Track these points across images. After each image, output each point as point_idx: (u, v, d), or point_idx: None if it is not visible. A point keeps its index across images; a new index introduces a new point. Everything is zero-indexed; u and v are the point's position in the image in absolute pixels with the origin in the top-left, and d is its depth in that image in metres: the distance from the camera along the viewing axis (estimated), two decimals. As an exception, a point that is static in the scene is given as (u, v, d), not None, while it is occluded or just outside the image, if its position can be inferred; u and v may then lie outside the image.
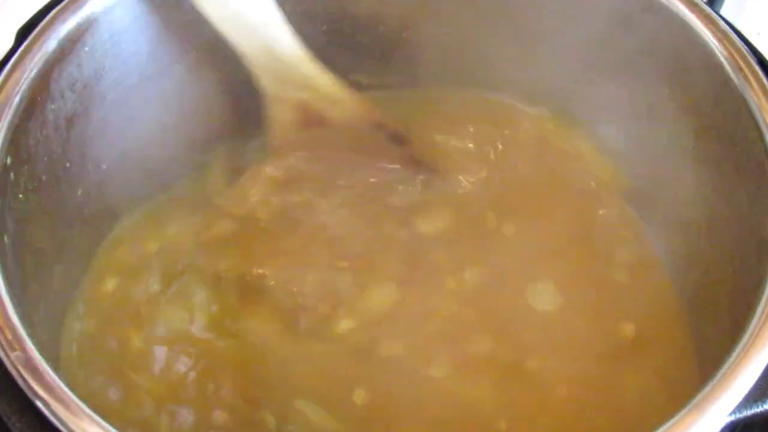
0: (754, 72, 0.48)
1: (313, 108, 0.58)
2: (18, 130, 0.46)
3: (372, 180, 0.59)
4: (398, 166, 0.59)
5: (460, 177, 0.60)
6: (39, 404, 0.37)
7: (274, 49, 0.55)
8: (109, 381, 0.52)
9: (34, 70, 0.47)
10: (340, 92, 0.58)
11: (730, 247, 0.50)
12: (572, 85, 0.59)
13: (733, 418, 0.38)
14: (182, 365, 0.52)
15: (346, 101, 0.58)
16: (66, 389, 0.38)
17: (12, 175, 0.46)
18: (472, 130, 0.61)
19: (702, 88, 0.51)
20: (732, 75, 0.48)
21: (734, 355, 0.40)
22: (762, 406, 0.39)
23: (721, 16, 0.51)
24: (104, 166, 0.55)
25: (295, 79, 0.56)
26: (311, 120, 0.58)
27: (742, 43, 0.49)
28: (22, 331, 0.39)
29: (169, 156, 0.60)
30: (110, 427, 0.37)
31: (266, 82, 0.56)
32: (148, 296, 0.55)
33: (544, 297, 0.54)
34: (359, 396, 0.51)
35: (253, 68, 0.56)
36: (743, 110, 0.47)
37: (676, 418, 0.38)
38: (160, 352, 0.53)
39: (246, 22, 0.53)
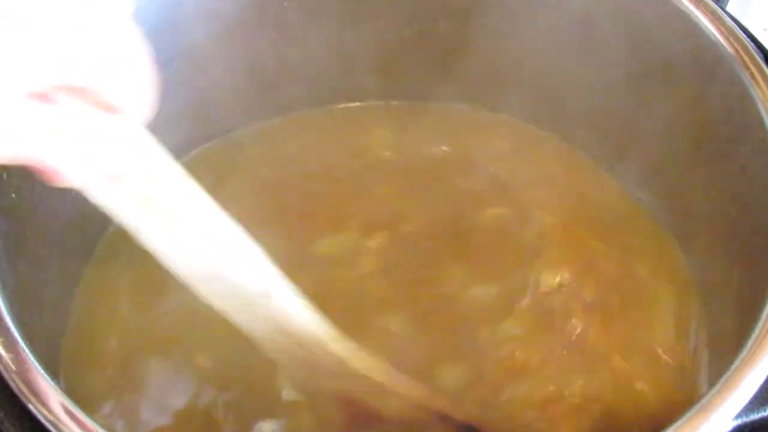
0: (760, 69, 0.47)
1: (359, 400, 0.45)
2: (10, 129, 0.46)
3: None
4: None
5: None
6: (32, 409, 0.37)
7: (286, 328, 0.42)
8: (111, 384, 0.51)
9: (27, 66, 0.47)
10: (386, 376, 0.45)
11: (737, 248, 0.50)
12: (571, 79, 0.59)
13: (739, 422, 0.38)
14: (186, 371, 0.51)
15: (397, 388, 0.45)
16: (59, 394, 0.37)
17: (4, 174, 0.46)
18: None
19: (708, 85, 0.51)
20: (738, 72, 0.48)
21: (740, 358, 0.39)
22: (768, 411, 0.39)
23: (726, 12, 0.51)
24: (99, 165, 0.55)
25: (326, 365, 0.43)
26: (360, 416, 0.45)
27: (749, 40, 0.49)
28: (15, 334, 0.39)
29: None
30: (104, 432, 0.36)
31: (291, 372, 0.44)
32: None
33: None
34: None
35: (272, 357, 0.44)
36: (749, 107, 0.47)
37: (681, 422, 0.37)
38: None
39: (245, 299, 0.40)
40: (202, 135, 0.62)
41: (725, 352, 0.43)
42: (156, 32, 0.53)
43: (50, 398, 0.37)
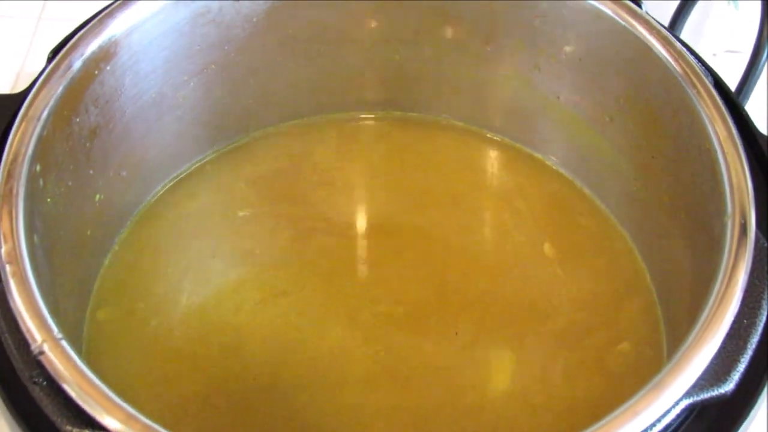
0: (706, 87, 0.50)
1: None
2: (46, 141, 0.48)
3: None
4: None
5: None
6: (66, 388, 0.39)
7: None
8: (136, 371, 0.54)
9: (60, 87, 0.50)
10: None
11: (687, 243, 0.52)
12: (536, 101, 0.62)
13: (690, 400, 0.39)
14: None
15: None
16: (91, 375, 0.40)
17: (41, 181, 0.48)
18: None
19: (661, 102, 0.53)
20: (687, 90, 0.50)
21: (688, 342, 0.41)
22: (717, 390, 0.41)
23: (678, 38, 0.54)
24: (124, 173, 0.58)
25: None
26: None
27: (697, 62, 0.52)
28: (50, 321, 0.41)
29: (185, 162, 0.64)
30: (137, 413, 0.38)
31: None
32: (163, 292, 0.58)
33: None
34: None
35: None
36: (697, 122, 0.50)
37: (632, 401, 0.39)
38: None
39: None
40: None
41: (679, 341, 0.43)
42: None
43: (81, 380, 0.39)
